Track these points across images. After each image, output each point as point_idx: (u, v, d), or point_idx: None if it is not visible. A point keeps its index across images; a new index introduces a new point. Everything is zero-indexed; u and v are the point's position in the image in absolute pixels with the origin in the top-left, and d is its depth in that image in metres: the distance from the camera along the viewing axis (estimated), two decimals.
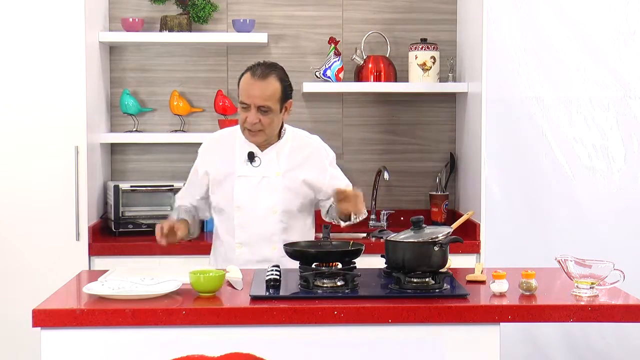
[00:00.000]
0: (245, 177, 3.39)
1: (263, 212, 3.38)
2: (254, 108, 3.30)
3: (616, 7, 4.27)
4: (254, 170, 3.39)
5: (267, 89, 3.31)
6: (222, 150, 3.45)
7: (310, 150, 3.49)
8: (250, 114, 3.30)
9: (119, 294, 2.75)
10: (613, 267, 2.85)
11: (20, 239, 4.03)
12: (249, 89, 3.31)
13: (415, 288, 2.84)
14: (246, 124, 3.33)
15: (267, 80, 3.32)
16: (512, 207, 4.31)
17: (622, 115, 4.30)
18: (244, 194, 3.38)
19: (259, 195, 3.38)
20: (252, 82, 3.32)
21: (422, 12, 4.70)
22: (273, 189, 3.39)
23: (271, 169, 3.40)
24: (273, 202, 3.39)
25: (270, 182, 3.39)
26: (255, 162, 3.39)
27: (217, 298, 2.79)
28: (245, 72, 3.37)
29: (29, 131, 4.03)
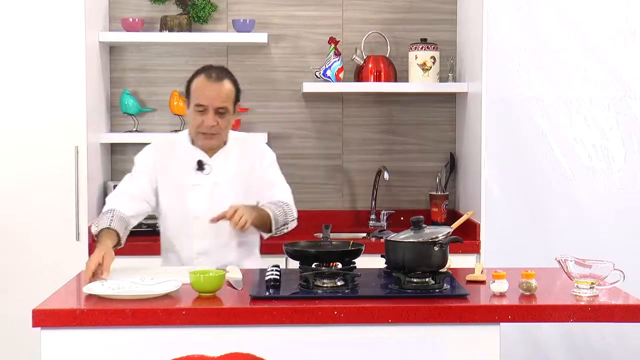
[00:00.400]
0: (198, 185, 3.35)
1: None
2: (211, 110, 3.27)
3: (616, 7, 4.27)
4: (205, 178, 3.35)
5: (224, 91, 3.30)
6: (170, 158, 3.38)
7: (252, 147, 3.46)
8: (207, 116, 3.27)
9: (118, 294, 2.75)
10: (613, 267, 2.85)
11: (20, 239, 4.03)
12: (206, 91, 3.27)
13: (415, 288, 2.84)
14: (202, 128, 3.28)
15: (223, 83, 3.31)
16: (512, 207, 4.31)
17: (622, 115, 4.30)
18: (198, 203, 3.34)
19: (214, 203, 3.32)
20: (209, 84, 3.28)
21: (422, 12, 4.70)
22: (227, 194, 3.34)
23: (222, 175, 3.36)
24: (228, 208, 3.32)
25: (223, 188, 3.36)
26: (206, 170, 3.35)
27: (217, 298, 2.79)
28: (197, 75, 3.33)
29: (29, 131, 4.04)
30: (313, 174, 4.72)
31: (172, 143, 3.44)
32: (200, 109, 3.27)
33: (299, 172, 4.69)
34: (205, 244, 3.36)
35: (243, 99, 4.65)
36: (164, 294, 2.77)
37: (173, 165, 3.38)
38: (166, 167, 3.38)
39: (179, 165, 3.38)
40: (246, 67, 4.67)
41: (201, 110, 3.27)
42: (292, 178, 4.66)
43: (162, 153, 3.42)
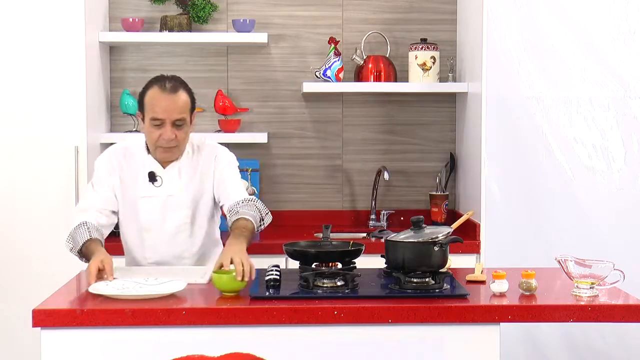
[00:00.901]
0: (150, 197, 3.27)
1: (173, 231, 3.29)
2: (169, 123, 3.18)
3: (616, 7, 4.27)
4: (157, 190, 3.27)
5: (180, 102, 3.20)
6: (125, 168, 3.30)
7: (204, 152, 3.34)
8: (165, 130, 3.18)
9: (126, 295, 2.75)
10: (613, 267, 2.86)
11: (20, 239, 4.04)
12: (162, 104, 3.17)
13: (415, 288, 2.84)
14: (160, 142, 3.19)
15: (178, 94, 3.20)
16: (512, 207, 4.31)
17: (622, 115, 4.30)
18: (150, 215, 3.28)
19: (167, 215, 3.27)
20: (164, 96, 3.18)
21: (422, 12, 4.70)
22: (179, 206, 3.28)
23: (174, 187, 3.28)
24: (182, 219, 3.29)
25: (176, 200, 3.28)
26: (157, 182, 3.27)
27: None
28: (150, 87, 3.23)
29: (29, 131, 4.04)
30: (313, 174, 4.72)
31: (127, 150, 3.33)
32: (157, 122, 3.18)
33: (299, 172, 4.69)
34: (158, 256, 3.31)
35: (243, 100, 4.68)
36: (169, 294, 2.77)
37: (127, 175, 3.29)
38: (122, 176, 3.30)
39: (133, 175, 3.29)
40: (246, 67, 4.67)
41: (158, 125, 3.19)
42: (292, 178, 4.68)
43: (118, 161, 3.31)
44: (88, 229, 3.16)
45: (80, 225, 3.17)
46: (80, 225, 3.18)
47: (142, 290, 2.80)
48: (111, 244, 4.13)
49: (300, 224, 4.56)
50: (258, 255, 3.87)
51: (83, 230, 3.15)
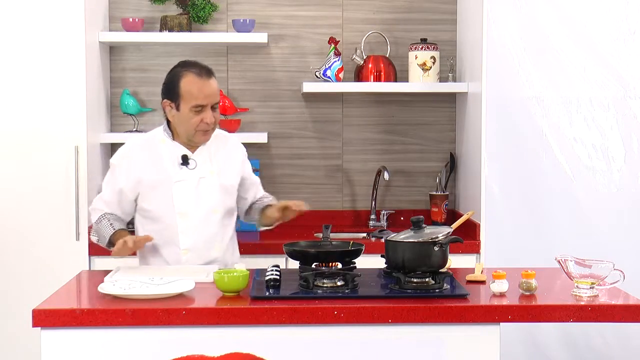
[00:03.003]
0: (183, 181, 3.32)
1: (205, 214, 3.34)
2: (209, 107, 3.26)
3: (616, 7, 4.27)
4: (190, 173, 3.32)
5: (216, 86, 3.31)
6: (150, 157, 3.34)
7: (231, 146, 3.48)
8: (207, 114, 3.25)
9: (133, 294, 2.75)
10: (613, 267, 2.86)
11: (20, 239, 4.03)
12: (203, 89, 3.24)
13: (415, 288, 2.84)
14: (202, 126, 3.26)
15: (212, 79, 3.31)
16: (512, 207, 4.31)
17: (622, 115, 4.30)
18: (185, 198, 3.32)
19: (199, 198, 3.32)
20: (203, 81, 3.26)
21: (422, 12, 4.70)
22: (211, 189, 3.35)
23: (206, 169, 3.35)
24: (214, 202, 3.35)
25: (208, 183, 3.34)
26: (191, 164, 3.33)
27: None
28: (183, 75, 3.27)
29: (29, 131, 4.04)
30: (313, 174, 4.72)
31: (149, 141, 3.39)
32: (199, 108, 3.25)
33: (299, 172, 4.69)
34: (191, 240, 3.33)
35: (243, 99, 4.68)
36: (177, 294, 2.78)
37: (154, 163, 3.33)
38: (146, 166, 3.33)
39: (162, 162, 3.33)
40: (246, 67, 4.67)
41: (199, 110, 3.25)
42: (292, 178, 4.68)
43: (140, 153, 3.36)
44: (109, 222, 3.30)
45: (101, 219, 3.32)
46: (101, 218, 3.33)
47: (150, 290, 2.79)
48: None
49: (300, 224, 4.55)
50: (258, 255, 3.89)
51: (105, 224, 3.30)
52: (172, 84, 3.30)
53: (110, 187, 3.37)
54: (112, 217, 3.33)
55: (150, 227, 3.36)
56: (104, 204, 3.37)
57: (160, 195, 3.32)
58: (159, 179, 3.31)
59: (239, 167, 3.46)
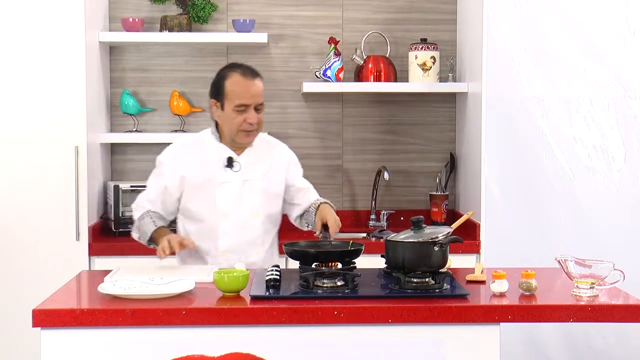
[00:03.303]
0: (228, 183, 3.33)
1: (247, 217, 3.35)
2: (252, 108, 3.28)
3: (616, 7, 4.27)
4: (234, 175, 3.34)
5: (261, 87, 3.33)
6: (196, 157, 3.36)
7: (278, 152, 3.48)
8: (250, 114, 3.28)
9: (135, 294, 2.75)
10: (613, 267, 2.86)
11: (20, 239, 4.03)
12: (248, 89, 3.28)
13: (415, 288, 2.84)
14: (244, 126, 3.28)
15: (257, 79, 3.33)
16: (512, 207, 4.31)
17: (622, 115, 4.30)
18: (228, 200, 3.33)
19: (242, 200, 3.34)
20: (248, 81, 3.29)
21: (422, 12, 4.70)
22: (254, 192, 3.36)
23: (251, 172, 3.36)
24: (256, 206, 3.36)
25: (252, 186, 3.36)
26: (235, 167, 3.34)
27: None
28: (229, 75, 3.30)
29: (29, 131, 4.03)
30: (313, 174, 4.70)
31: (197, 142, 3.41)
32: (242, 108, 3.26)
33: None
34: (231, 242, 3.34)
35: None
36: (177, 294, 2.78)
37: (200, 163, 3.35)
38: (192, 166, 3.34)
39: (207, 163, 3.35)
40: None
41: (242, 110, 3.27)
42: None
43: (187, 152, 3.39)
44: (152, 219, 3.31)
45: (144, 216, 3.34)
46: (144, 215, 3.34)
47: (150, 290, 2.80)
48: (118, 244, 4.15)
49: None
50: None
51: (147, 220, 3.32)
52: (218, 84, 3.33)
53: (155, 184, 3.39)
54: (155, 215, 3.34)
55: (192, 227, 3.38)
56: (148, 202, 3.38)
57: (204, 196, 3.33)
58: (204, 179, 3.33)
59: (283, 174, 3.45)
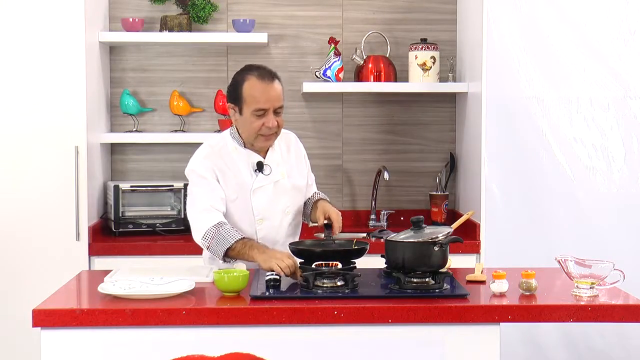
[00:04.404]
0: (261, 187, 3.30)
1: (280, 217, 3.35)
2: (271, 112, 3.22)
3: (616, 7, 4.27)
4: (266, 179, 3.31)
5: (279, 90, 3.25)
6: (226, 165, 3.29)
7: (294, 145, 3.46)
8: (269, 118, 3.20)
9: (133, 294, 2.75)
10: (613, 267, 2.86)
11: (20, 239, 4.03)
12: (266, 93, 3.20)
13: (415, 288, 2.84)
14: (263, 130, 3.22)
15: (276, 81, 3.25)
16: (512, 207, 4.31)
17: (622, 115, 4.30)
18: (263, 205, 3.31)
19: (275, 201, 3.33)
20: (266, 85, 3.21)
21: (422, 12, 4.70)
22: (285, 191, 3.36)
23: (279, 172, 3.35)
24: (287, 203, 3.36)
25: (281, 185, 3.35)
26: (266, 170, 3.30)
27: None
28: (246, 78, 3.22)
29: (29, 131, 4.03)
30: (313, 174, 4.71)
31: (223, 149, 3.32)
32: (261, 112, 3.20)
33: None
34: (267, 243, 3.29)
35: None
36: (177, 294, 2.78)
37: (230, 171, 3.29)
38: (226, 174, 3.28)
39: (237, 171, 3.29)
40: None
41: (261, 114, 3.21)
42: None
43: (218, 160, 3.30)
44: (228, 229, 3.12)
45: (218, 226, 3.13)
46: (218, 225, 3.13)
47: (150, 290, 2.79)
48: (118, 244, 4.14)
49: None
50: None
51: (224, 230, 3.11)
52: (235, 88, 3.26)
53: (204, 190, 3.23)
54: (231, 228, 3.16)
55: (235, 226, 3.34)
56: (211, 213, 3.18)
57: (239, 203, 3.29)
58: (237, 187, 3.28)
59: (304, 165, 3.46)
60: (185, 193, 4.26)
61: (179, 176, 4.57)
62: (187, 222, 3.32)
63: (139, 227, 4.32)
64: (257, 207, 3.30)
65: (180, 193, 4.37)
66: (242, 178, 3.29)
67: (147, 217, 4.35)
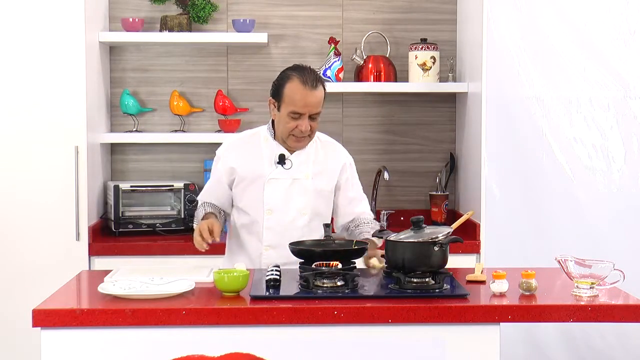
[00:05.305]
0: (276, 179, 3.35)
1: (293, 215, 3.36)
2: (307, 116, 3.26)
3: (616, 7, 4.28)
4: (285, 173, 3.35)
5: (319, 97, 3.28)
6: (249, 151, 3.39)
7: (333, 152, 3.47)
8: (302, 122, 3.26)
9: (133, 294, 2.75)
10: (613, 267, 2.86)
11: (20, 239, 4.03)
12: (305, 99, 3.23)
13: (415, 288, 2.84)
14: (296, 132, 3.28)
15: (318, 88, 3.28)
16: (512, 207, 4.31)
17: (622, 115, 4.30)
18: (275, 197, 3.35)
19: (290, 198, 3.35)
20: (307, 91, 3.24)
21: (422, 12, 4.70)
22: (304, 191, 3.37)
23: (302, 172, 3.37)
24: (303, 204, 3.36)
25: (301, 185, 3.36)
26: (287, 165, 3.35)
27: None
28: (290, 79, 3.27)
29: (29, 131, 4.03)
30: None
31: (253, 137, 3.44)
32: (296, 115, 3.25)
33: None
34: (275, 238, 3.35)
35: (243, 99, 4.68)
36: (178, 294, 2.78)
37: (252, 158, 3.38)
38: (244, 159, 3.37)
39: (260, 158, 3.37)
40: (246, 67, 4.67)
41: (296, 117, 3.26)
42: None
43: (241, 145, 3.42)
44: (204, 208, 3.41)
45: (200, 206, 3.46)
46: (200, 205, 3.46)
47: (149, 290, 2.79)
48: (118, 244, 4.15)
49: None
50: None
51: (201, 209, 3.42)
52: (278, 85, 3.31)
53: (212, 177, 3.49)
54: (209, 204, 3.43)
55: (241, 220, 3.41)
56: (206, 192, 3.49)
57: (252, 190, 3.36)
58: (255, 174, 3.35)
59: (336, 174, 3.44)
60: (186, 193, 4.32)
61: (179, 176, 4.58)
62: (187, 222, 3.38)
63: (139, 227, 4.32)
64: (267, 198, 3.34)
65: (180, 193, 4.37)
66: (262, 166, 3.36)
67: (147, 217, 4.36)
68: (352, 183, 3.50)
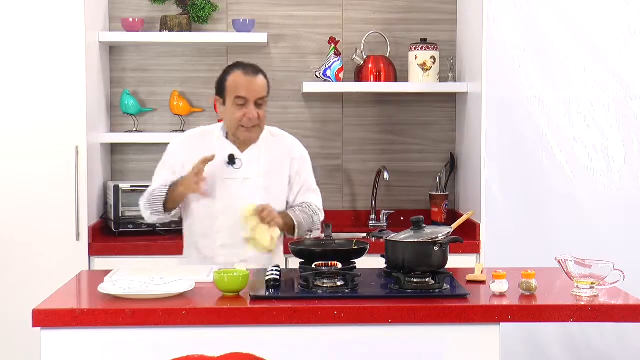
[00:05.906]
0: (227, 179, 3.36)
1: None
2: (252, 102, 3.30)
3: (616, 7, 4.27)
4: (235, 173, 3.37)
5: (262, 83, 3.35)
6: (200, 150, 3.36)
7: (286, 147, 3.48)
8: (249, 109, 3.30)
9: (133, 294, 2.75)
10: (613, 267, 2.86)
11: (20, 239, 4.03)
12: (247, 84, 3.31)
13: (415, 288, 2.84)
14: (244, 121, 3.31)
15: (259, 76, 3.35)
16: (512, 207, 4.31)
17: (622, 115, 4.30)
18: (226, 196, 3.36)
19: (241, 198, 3.34)
20: (247, 78, 3.32)
21: (422, 12, 4.70)
22: (254, 190, 3.37)
23: (252, 171, 3.38)
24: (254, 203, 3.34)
25: (251, 184, 3.37)
26: (237, 164, 3.36)
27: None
28: (231, 72, 3.35)
29: (29, 131, 4.03)
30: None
31: (205, 135, 3.45)
32: (241, 101, 3.29)
33: None
34: (227, 238, 3.35)
35: None
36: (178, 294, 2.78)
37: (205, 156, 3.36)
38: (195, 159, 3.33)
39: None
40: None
41: (242, 104, 3.30)
42: None
43: (192, 144, 3.42)
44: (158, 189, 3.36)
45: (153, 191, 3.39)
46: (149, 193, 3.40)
47: (150, 290, 2.79)
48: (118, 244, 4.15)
49: None
50: None
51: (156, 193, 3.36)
52: (220, 81, 3.38)
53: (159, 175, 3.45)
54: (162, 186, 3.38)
55: (192, 219, 3.41)
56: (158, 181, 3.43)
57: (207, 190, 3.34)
58: (209, 175, 3.32)
59: (286, 172, 3.46)
60: None
61: None
62: None
63: (139, 227, 4.32)
64: (220, 199, 3.35)
65: None
66: (214, 167, 3.34)
67: None
68: (302, 176, 3.49)
